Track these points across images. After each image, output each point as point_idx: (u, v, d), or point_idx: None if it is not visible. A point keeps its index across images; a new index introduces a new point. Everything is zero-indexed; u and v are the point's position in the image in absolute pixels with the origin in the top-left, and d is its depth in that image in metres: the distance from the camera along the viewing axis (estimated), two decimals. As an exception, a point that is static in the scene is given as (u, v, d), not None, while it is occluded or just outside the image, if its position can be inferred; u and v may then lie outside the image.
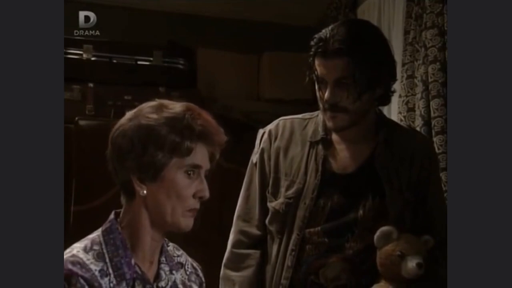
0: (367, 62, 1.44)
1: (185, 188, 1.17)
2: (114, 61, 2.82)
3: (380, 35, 1.53)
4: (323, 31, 1.48)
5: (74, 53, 2.77)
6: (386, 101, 1.58)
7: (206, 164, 1.20)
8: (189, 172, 1.17)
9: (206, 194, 1.19)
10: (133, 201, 1.19)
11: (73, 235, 1.24)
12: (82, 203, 2.49)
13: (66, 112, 2.53)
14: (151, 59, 2.86)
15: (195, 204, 1.19)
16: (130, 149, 1.16)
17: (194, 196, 1.18)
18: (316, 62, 1.48)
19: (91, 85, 2.75)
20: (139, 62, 2.85)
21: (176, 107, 1.18)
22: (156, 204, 1.17)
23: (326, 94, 1.47)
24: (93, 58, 2.79)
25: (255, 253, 1.58)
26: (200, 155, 1.18)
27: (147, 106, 1.19)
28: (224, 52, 3.05)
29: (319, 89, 1.50)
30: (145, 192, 1.16)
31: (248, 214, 1.60)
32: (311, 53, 1.49)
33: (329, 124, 1.52)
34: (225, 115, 2.86)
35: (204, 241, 2.40)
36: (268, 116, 1.74)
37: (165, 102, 1.20)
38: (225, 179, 2.56)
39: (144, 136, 1.15)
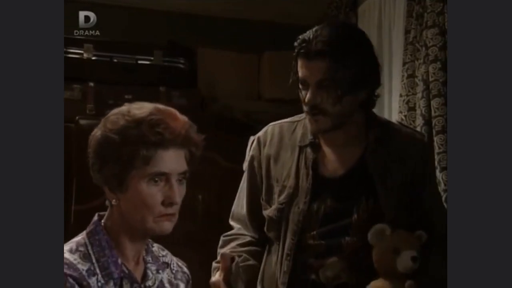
0: (349, 65, 1.43)
1: (151, 196, 1.15)
2: (115, 60, 2.82)
3: (364, 39, 1.51)
4: (307, 32, 1.46)
5: (75, 52, 2.77)
6: (370, 105, 1.55)
7: (176, 169, 1.16)
8: (155, 180, 1.15)
9: (176, 200, 1.16)
10: (111, 207, 1.20)
11: (73, 235, 1.25)
12: (82, 202, 2.49)
13: (67, 111, 2.53)
14: (152, 58, 2.86)
15: (166, 210, 1.16)
16: (94, 161, 1.16)
17: (163, 203, 1.16)
18: (299, 63, 1.46)
19: (91, 84, 2.75)
20: (139, 62, 2.85)
21: (137, 113, 1.15)
22: (126, 212, 1.17)
23: (307, 96, 1.45)
24: (93, 58, 2.79)
25: (248, 237, 1.58)
26: (166, 161, 1.14)
27: (113, 114, 1.18)
28: (225, 52, 3.05)
29: (302, 90, 1.49)
30: (115, 201, 1.17)
31: (242, 221, 1.61)
32: (294, 54, 1.47)
33: (311, 126, 1.51)
34: (225, 115, 2.86)
35: (203, 241, 2.40)
36: (269, 116, 1.74)
37: (132, 107, 1.17)
38: (224, 179, 2.56)
39: (102, 149, 1.14)
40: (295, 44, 1.47)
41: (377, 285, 1.43)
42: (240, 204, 1.62)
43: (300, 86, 1.49)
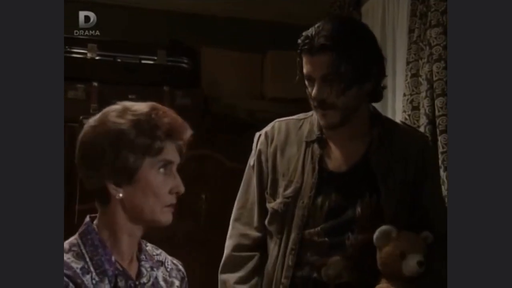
0: (351, 58, 1.45)
1: (161, 185, 1.19)
2: (118, 60, 2.82)
3: (366, 32, 1.53)
4: (310, 28, 1.49)
5: (79, 52, 2.78)
6: (378, 97, 1.57)
7: (177, 159, 1.23)
8: (164, 168, 1.20)
9: (181, 189, 1.21)
10: (108, 204, 1.20)
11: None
12: (86, 202, 2.49)
13: (71, 111, 2.55)
14: (155, 58, 2.87)
15: (172, 199, 1.21)
16: (102, 155, 1.17)
17: (170, 192, 1.21)
18: (304, 60, 1.49)
19: (95, 84, 2.76)
20: (143, 61, 2.85)
21: (140, 108, 1.19)
22: (134, 205, 1.19)
23: (314, 91, 1.48)
24: (97, 57, 2.80)
25: (256, 255, 1.58)
26: (171, 151, 1.20)
27: (111, 110, 1.20)
28: (228, 51, 3.05)
29: (308, 86, 1.51)
30: (121, 195, 1.18)
31: (247, 217, 1.60)
32: (299, 51, 1.49)
33: (321, 121, 1.53)
34: (228, 114, 2.86)
35: (207, 240, 2.40)
36: (272, 115, 1.74)
37: (129, 104, 1.21)
38: (227, 178, 2.56)
39: (115, 141, 1.16)
40: (299, 41, 1.49)
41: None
42: (245, 201, 1.62)
43: (306, 83, 1.51)
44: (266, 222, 1.57)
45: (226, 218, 1.67)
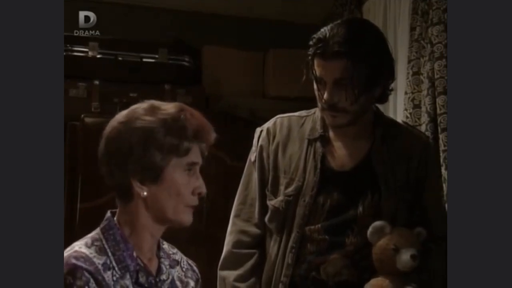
0: (366, 64, 1.44)
1: (185, 185, 1.20)
2: (120, 58, 2.83)
3: (380, 35, 1.53)
4: (322, 30, 1.48)
5: (80, 50, 2.78)
6: (384, 99, 1.58)
7: (200, 161, 1.24)
8: (189, 169, 1.21)
9: (204, 189, 1.23)
10: (130, 202, 1.21)
11: (79, 232, 1.26)
12: (88, 200, 2.50)
13: (72, 109, 2.55)
14: (157, 56, 2.87)
15: (195, 200, 1.22)
16: (130, 152, 1.17)
17: (193, 193, 1.22)
18: (315, 62, 1.48)
19: (96, 82, 2.76)
20: (144, 60, 2.85)
21: (169, 108, 1.20)
22: (157, 204, 1.20)
23: (325, 95, 1.48)
24: (98, 56, 2.80)
25: (255, 252, 1.58)
26: (196, 153, 1.22)
27: (139, 108, 1.21)
28: (230, 50, 3.05)
29: (318, 88, 1.50)
30: (145, 193, 1.19)
31: (247, 213, 1.60)
32: (310, 52, 1.48)
33: (328, 121, 1.54)
34: (230, 113, 2.86)
35: (209, 238, 2.40)
36: (274, 114, 1.74)
37: (156, 103, 1.22)
38: (230, 177, 2.56)
39: (143, 139, 1.17)
40: (311, 43, 1.48)
41: (376, 283, 1.44)
42: (245, 197, 1.62)
43: (316, 85, 1.51)
44: (266, 219, 1.58)
45: (227, 216, 1.67)
